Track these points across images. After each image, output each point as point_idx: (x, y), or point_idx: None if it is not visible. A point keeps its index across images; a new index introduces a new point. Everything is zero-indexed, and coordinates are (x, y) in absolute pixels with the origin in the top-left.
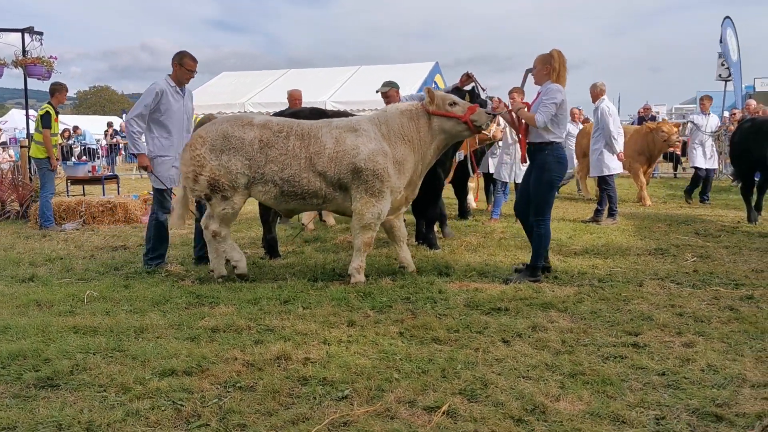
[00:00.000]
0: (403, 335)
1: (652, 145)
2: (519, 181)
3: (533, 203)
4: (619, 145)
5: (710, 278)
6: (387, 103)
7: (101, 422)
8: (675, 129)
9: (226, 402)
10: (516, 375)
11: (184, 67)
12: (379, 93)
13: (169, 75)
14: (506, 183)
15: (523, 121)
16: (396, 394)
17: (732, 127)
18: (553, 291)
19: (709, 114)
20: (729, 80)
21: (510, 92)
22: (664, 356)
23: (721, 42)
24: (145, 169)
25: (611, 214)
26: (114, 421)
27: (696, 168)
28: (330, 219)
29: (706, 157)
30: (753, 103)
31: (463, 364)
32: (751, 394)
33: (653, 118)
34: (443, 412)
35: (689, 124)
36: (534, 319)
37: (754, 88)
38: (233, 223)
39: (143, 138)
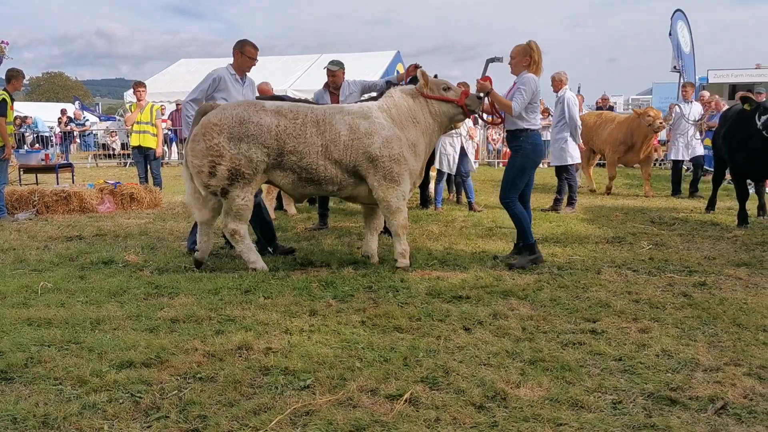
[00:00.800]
0: (365, 324)
1: (636, 132)
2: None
3: (502, 183)
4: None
5: (665, 265)
6: (332, 81)
7: (57, 416)
8: (661, 114)
9: (186, 393)
10: (477, 362)
11: (245, 54)
12: (326, 70)
13: (230, 64)
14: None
15: (487, 101)
16: (358, 382)
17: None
18: (513, 279)
19: (691, 102)
20: (681, 72)
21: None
22: (620, 342)
23: (670, 35)
24: None
25: (570, 203)
26: (70, 415)
27: (674, 161)
28: (291, 208)
29: (688, 148)
30: (706, 94)
31: (425, 352)
32: (704, 378)
33: (611, 108)
34: (405, 400)
35: (675, 108)
36: (495, 307)
37: (707, 79)
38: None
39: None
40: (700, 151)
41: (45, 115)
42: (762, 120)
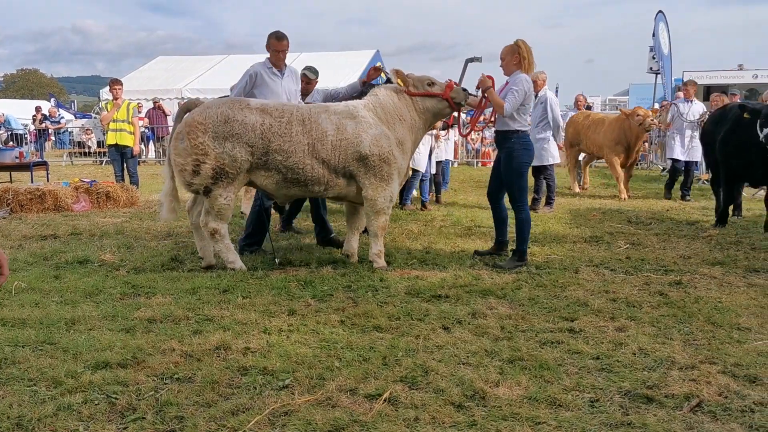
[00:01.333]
0: (344, 323)
1: (628, 132)
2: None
3: (508, 192)
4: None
5: (642, 265)
6: (304, 89)
7: (32, 417)
8: (650, 113)
9: (162, 394)
10: (456, 362)
11: (271, 47)
12: (302, 75)
13: (267, 58)
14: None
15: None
16: (337, 382)
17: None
18: (492, 278)
19: (692, 101)
20: (659, 73)
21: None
22: (598, 341)
23: (653, 36)
24: None
25: (549, 202)
26: (45, 416)
27: (673, 160)
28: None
29: (684, 147)
30: (681, 95)
31: (404, 352)
32: (679, 376)
33: (589, 108)
34: (384, 400)
35: (671, 108)
36: (474, 306)
37: (682, 80)
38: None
39: None
40: (697, 155)
41: (19, 112)
42: (764, 132)
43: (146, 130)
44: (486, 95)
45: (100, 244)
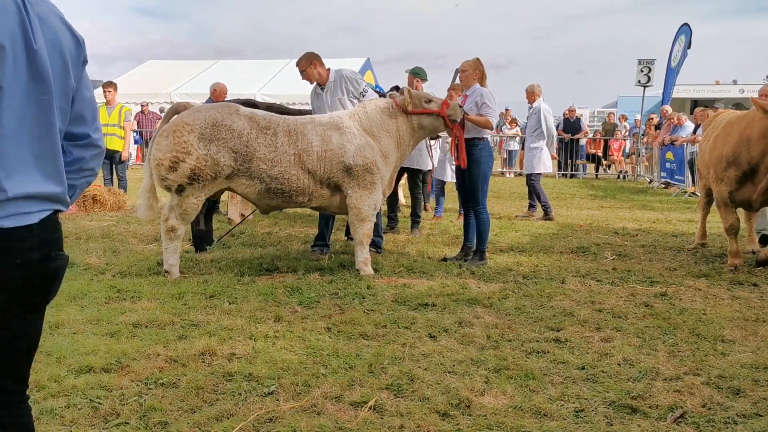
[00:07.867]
0: (330, 331)
1: (755, 145)
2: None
3: (471, 194)
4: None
5: (628, 276)
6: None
7: None
8: None
9: (146, 399)
10: (442, 370)
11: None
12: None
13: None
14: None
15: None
16: (323, 389)
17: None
18: (479, 287)
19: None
20: (649, 86)
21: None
22: (583, 351)
23: (688, 47)
24: None
25: (531, 206)
26: None
27: None
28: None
29: None
30: (668, 109)
31: (390, 360)
32: (663, 387)
33: (578, 120)
34: (370, 408)
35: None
36: (460, 315)
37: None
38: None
39: None
40: None
41: None
42: None
43: (134, 134)
44: (468, 119)
45: (86, 248)
